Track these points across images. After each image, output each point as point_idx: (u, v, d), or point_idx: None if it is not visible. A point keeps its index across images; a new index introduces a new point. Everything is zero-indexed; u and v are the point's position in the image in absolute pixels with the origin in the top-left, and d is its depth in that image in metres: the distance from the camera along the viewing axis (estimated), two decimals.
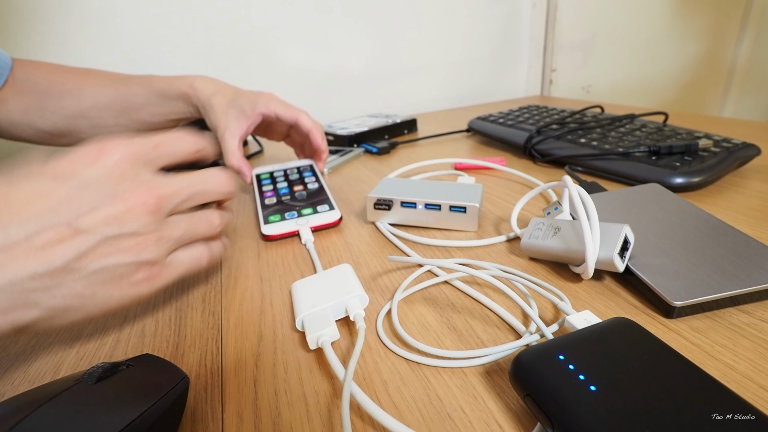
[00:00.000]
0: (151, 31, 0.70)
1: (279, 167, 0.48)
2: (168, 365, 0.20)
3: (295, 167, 0.48)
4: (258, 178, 0.46)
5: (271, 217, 0.38)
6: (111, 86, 0.47)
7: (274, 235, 0.36)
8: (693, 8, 1.18)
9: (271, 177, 0.46)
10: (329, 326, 0.23)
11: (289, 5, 0.78)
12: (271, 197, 0.42)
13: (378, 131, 0.67)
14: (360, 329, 0.23)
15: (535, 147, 0.51)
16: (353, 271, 0.28)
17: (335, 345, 0.24)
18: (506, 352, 0.22)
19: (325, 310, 0.24)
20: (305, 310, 0.24)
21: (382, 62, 0.89)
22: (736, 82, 1.35)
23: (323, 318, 0.24)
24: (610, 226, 0.26)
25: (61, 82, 0.46)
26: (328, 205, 0.39)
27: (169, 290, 0.30)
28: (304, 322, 0.24)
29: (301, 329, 0.24)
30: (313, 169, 0.47)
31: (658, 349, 0.18)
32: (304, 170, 0.47)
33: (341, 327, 0.25)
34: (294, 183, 0.44)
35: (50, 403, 0.15)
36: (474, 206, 0.34)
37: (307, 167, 0.47)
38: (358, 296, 0.25)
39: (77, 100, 0.46)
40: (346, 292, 0.25)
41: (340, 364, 0.20)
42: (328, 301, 0.25)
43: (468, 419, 0.18)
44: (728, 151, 0.41)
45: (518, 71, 1.05)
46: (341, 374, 0.20)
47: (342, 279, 0.27)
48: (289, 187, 0.43)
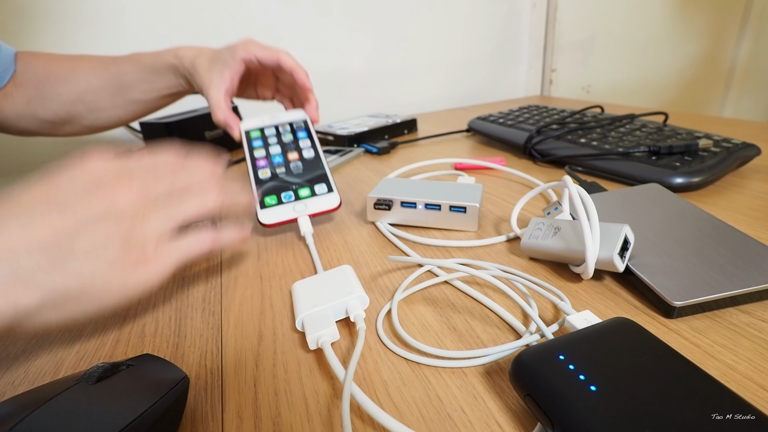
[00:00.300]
0: (152, 30, 0.70)
1: (270, 122, 0.43)
2: (168, 365, 0.20)
3: (287, 123, 0.43)
4: (248, 136, 0.42)
5: (267, 199, 0.36)
6: (102, 68, 0.47)
7: (272, 223, 0.35)
8: (693, 8, 1.18)
9: (262, 136, 0.42)
10: (329, 327, 0.23)
11: (289, 5, 0.78)
12: (265, 168, 0.39)
13: (378, 131, 0.67)
14: (360, 330, 0.23)
15: (535, 147, 0.51)
16: (354, 272, 0.28)
17: (335, 345, 0.24)
18: (506, 352, 0.22)
19: (326, 311, 0.24)
20: (305, 310, 0.24)
21: (382, 62, 0.89)
22: (736, 82, 1.35)
23: (323, 318, 0.24)
24: (610, 226, 0.26)
25: (56, 69, 0.46)
26: (326, 185, 0.37)
27: (169, 290, 0.30)
28: (304, 322, 0.24)
29: (302, 329, 0.24)
30: (307, 126, 0.43)
31: (658, 349, 0.18)
32: (298, 128, 0.43)
33: (341, 328, 0.25)
34: (288, 148, 0.41)
35: (50, 403, 0.15)
36: (474, 206, 0.34)
37: (301, 124, 0.43)
38: (359, 297, 0.25)
39: (72, 85, 0.46)
40: (346, 293, 0.25)
41: (340, 364, 0.20)
42: (328, 301, 0.25)
43: (468, 419, 0.18)
44: (728, 151, 0.41)
45: (518, 71, 1.05)
46: (341, 375, 0.20)
47: (342, 280, 0.27)
48: (283, 154, 0.40)
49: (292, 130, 0.43)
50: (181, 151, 0.28)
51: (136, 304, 0.29)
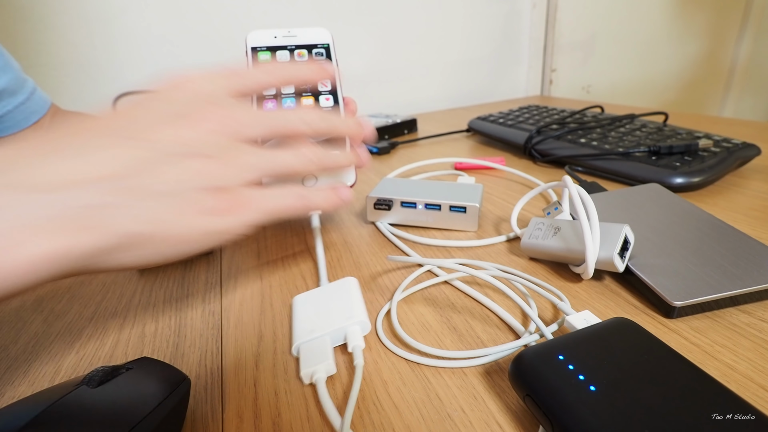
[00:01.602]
0: (152, 30, 0.70)
1: (284, 40, 0.33)
2: (168, 367, 0.19)
3: (304, 46, 0.33)
4: (254, 54, 0.32)
5: None
6: None
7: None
8: (693, 8, 1.18)
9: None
10: (325, 360, 0.21)
11: (289, 5, 0.78)
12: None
13: (378, 131, 0.67)
14: (357, 367, 0.21)
15: (535, 147, 0.51)
16: (358, 287, 0.27)
17: (333, 378, 0.22)
18: (506, 352, 0.22)
19: (323, 340, 0.23)
20: (302, 336, 0.23)
21: (382, 62, 0.89)
22: (736, 82, 1.35)
23: (320, 349, 0.22)
24: (610, 226, 0.26)
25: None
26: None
27: (168, 290, 0.30)
28: (299, 351, 0.22)
29: (297, 356, 0.23)
30: (328, 59, 0.33)
31: (658, 349, 0.18)
32: (317, 57, 0.33)
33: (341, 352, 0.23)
34: (302, 88, 0.32)
35: (52, 408, 0.15)
36: (474, 206, 0.34)
37: (321, 51, 0.33)
38: (360, 323, 0.24)
39: None
40: (346, 318, 0.24)
41: (335, 409, 0.19)
42: (326, 327, 0.23)
43: (468, 419, 0.18)
44: (728, 151, 0.41)
45: (518, 71, 1.05)
46: (336, 422, 0.18)
47: (345, 298, 0.25)
48: (296, 97, 0.32)
49: (310, 59, 0.33)
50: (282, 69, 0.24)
51: (137, 304, 0.29)
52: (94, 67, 0.68)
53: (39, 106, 0.42)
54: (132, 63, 0.70)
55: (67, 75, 0.67)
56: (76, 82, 0.68)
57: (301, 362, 0.22)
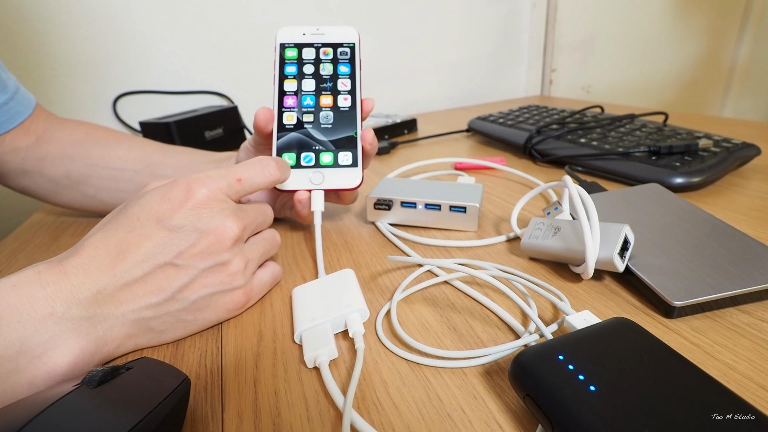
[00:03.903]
0: (151, 30, 0.70)
1: (311, 38, 0.36)
2: (168, 367, 0.19)
3: (330, 44, 0.36)
4: (282, 54, 0.35)
5: (285, 156, 0.33)
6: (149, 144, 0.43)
7: (285, 190, 0.32)
8: (693, 8, 1.18)
9: (299, 59, 0.35)
10: (327, 345, 0.22)
11: (289, 5, 0.78)
12: (292, 111, 0.34)
13: (378, 131, 0.67)
14: (359, 350, 0.22)
15: (535, 147, 0.51)
16: (355, 277, 0.28)
17: (334, 363, 0.22)
18: (506, 352, 0.22)
19: (324, 326, 0.23)
20: (304, 323, 0.24)
21: (381, 62, 0.89)
22: (736, 82, 1.35)
23: (322, 335, 0.23)
24: (610, 226, 0.26)
25: (101, 134, 0.42)
26: (352, 155, 0.33)
27: None
28: (302, 338, 0.23)
29: (300, 343, 0.24)
30: (353, 56, 0.35)
31: (658, 349, 0.18)
32: (342, 57, 0.35)
33: (342, 339, 0.24)
34: (323, 87, 0.34)
35: (52, 408, 0.15)
36: (474, 206, 0.34)
37: (346, 51, 0.35)
38: (359, 310, 0.24)
39: (108, 150, 0.41)
40: (346, 306, 0.24)
41: (338, 389, 0.20)
42: (327, 314, 0.24)
43: (468, 419, 0.18)
44: (728, 151, 0.41)
45: (518, 71, 1.05)
46: (339, 401, 0.19)
47: (343, 287, 0.26)
48: (316, 94, 0.34)
49: (334, 57, 0.35)
50: (274, 173, 0.29)
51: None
52: (94, 67, 0.68)
53: (23, 107, 0.40)
54: (132, 63, 0.70)
55: (67, 75, 0.67)
56: (76, 82, 0.68)
57: (304, 347, 0.22)
